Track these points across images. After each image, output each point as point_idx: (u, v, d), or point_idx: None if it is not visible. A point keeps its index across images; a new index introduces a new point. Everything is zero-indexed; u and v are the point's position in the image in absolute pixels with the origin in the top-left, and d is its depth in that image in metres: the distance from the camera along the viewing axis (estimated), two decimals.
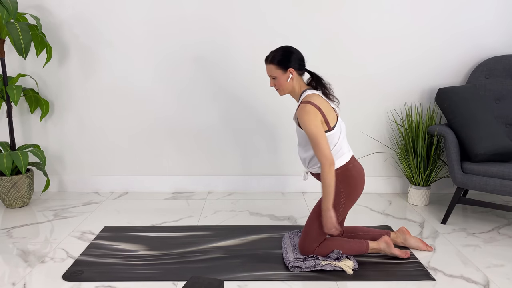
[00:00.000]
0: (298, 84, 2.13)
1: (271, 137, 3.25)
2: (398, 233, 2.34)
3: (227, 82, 3.16)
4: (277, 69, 2.08)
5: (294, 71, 2.08)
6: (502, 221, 2.80)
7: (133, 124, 3.23)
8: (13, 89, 2.77)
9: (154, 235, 2.53)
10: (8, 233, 2.56)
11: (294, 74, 2.09)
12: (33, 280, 2.02)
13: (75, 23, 3.06)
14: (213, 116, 3.22)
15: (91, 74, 3.15)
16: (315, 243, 2.13)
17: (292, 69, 2.08)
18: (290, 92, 2.16)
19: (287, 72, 2.08)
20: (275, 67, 2.08)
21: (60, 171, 3.31)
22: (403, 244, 2.33)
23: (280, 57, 2.07)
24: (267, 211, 2.95)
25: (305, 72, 2.16)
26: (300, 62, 2.11)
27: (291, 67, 2.08)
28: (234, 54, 3.11)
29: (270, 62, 2.09)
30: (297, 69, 2.10)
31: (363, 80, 3.17)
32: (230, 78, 3.15)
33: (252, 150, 3.28)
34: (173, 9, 3.05)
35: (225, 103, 3.20)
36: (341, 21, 3.07)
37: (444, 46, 3.12)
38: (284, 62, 2.07)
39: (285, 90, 2.13)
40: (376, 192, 3.37)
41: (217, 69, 3.14)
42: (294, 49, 2.11)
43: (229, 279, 2.03)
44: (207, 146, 3.27)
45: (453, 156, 2.66)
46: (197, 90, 3.18)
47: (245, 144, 3.27)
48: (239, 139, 3.26)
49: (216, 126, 3.24)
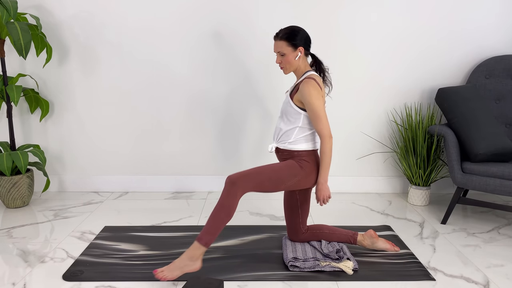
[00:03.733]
0: (304, 63, 2.17)
1: (272, 138, 3.26)
2: (365, 235, 2.31)
3: (227, 84, 3.16)
4: (287, 46, 2.11)
5: (303, 50, 2.13)
6: (502, 221, 2.80)
7: (133, 124, 3.23)
8: (13, 89, 2.77)
9: (154, 235, 2.53)
10: (8, 233, 2.56)
11: (302, 53, 2.13)
12: (33, 280, 2.02)
13: (75, 23, 3.06)
14: (213, 116, 3.22)
15: (91, 74, 3.15)
16: (250, 183, 2.00)
17: (301, 48, 2.12)
18: (294, 71, 2.20)
19: (297, 50, 2.12)
20: (286, 44, 2.11)
21: (60, 171, 3.31)
22: (369, 247, 2.31)
23: (292, 35, 2.11)
24: (267, 211, 2.95)
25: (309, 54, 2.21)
26: (308, 43, 2.16)
27: (301, 45, 2.12)
28: (234, 55, 3.11)
29: (281, 38, 2.12)
30: (305, 49, 2.15)
31: (363, 80, 3.17)
32: (230, 79, 3.16)
33: (252, 150, 3.28)
34: (173, 9, 3.04)
35: (225, 103, 3.20)
36: (341, 20, 3.07)
37: (444, 46, 3.12)
38: (295, 40, 2.11)
39: (291, 68, 2.16)
40: (376, 192, 3.37)
41: (218, 73, 3.14)
42: (303, 29, 2.16)
43: (229, 279, 2.03)
44: (207, 146, 3.27)
45: (453, 156, 2.66)
46: (197, 90, 3.18)
47: (245, 144, 3.27)
48: (239, 139, 3.26)
49: (216, 126, 3.24)
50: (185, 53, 3.11)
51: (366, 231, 2.33)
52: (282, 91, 3.17)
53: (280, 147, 2.20)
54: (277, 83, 3.17)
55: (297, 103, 2.12)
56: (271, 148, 2.23)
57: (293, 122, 2.13)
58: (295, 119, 2.13)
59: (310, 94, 2.04)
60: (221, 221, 1.95)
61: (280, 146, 2.19)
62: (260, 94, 3.18)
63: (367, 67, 3.15)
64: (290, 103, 2.14)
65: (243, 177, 1.99)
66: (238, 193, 1.97)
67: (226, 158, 3.29)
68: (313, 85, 2.05)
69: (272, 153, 2.22)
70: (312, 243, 2.31)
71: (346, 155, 3.30)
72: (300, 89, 2.07)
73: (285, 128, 2.16)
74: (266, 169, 2.07)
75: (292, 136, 2.14)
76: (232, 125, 3.24)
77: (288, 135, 2.15)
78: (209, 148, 3.28)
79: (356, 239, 2.30)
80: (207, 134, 3.25)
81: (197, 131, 3.25)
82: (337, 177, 3.33)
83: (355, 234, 2.31)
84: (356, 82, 3.17)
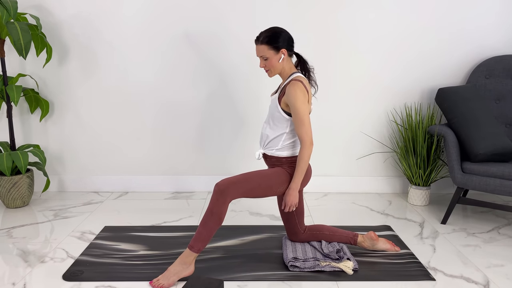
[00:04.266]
0: (288, 65, 2.14)
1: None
2: (366, 237, 2.30)
3: (228, 84, 3.16)
4: (269, 50, 2.07)
5: (286, 52, 2.09)
6: (502, 221, 2.80)
7: (133, 123, 3.23)
8: (13, 89, 2.77)
9: (154, 235, 2.53)
10: (8, 233, 2.56)
11: (286, 55, 2.10)
12: (33, 280, 2.02)
13: (75, 23, 3.06)
14: (213, 116, 3.22)
15: (91, 74, 3.15)
16: (239, 190, 1.99)
17: (284, 50, 2.08)
18: (280, 74, 2.16)
19: (279, 53, 2.08)
20: (267, 48, 2.07)
21: (60, 171, 3.31)
22: (369, 248, 2.31)
23: (273, 38, 2.07)
24: (267, 211, 2.95)
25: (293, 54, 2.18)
26: (290, 43, 2.12)
27: (284, 47, 2.08)
28: (233, 57, 3.11)
29: (262, 42, 2.08)
30: (288, 50, 2.11)
31: (363, 80, 3.17)
32: (230, 81, 3.16)
33: (253, 150, 3.28)
34: (173, 9, 3.04)
35: (226, 104, 3.20)
36: (341, 20, 3.07)
37: (444, 46, 3.12)
38: (276, 43, 2.07)
39: (276, 70, 2.12)
40: (376, 192, 3.37)
41: (218, 74, 3.14)
42: (284, 30, 2.11)
43: (229, 279, 2.03)
44: (207, 146, 3.27)
45: (453, 156, 2.66)
46: (198, 90, 3.18)
47: (246, 144, 3.27)
48: (239, 139, 3.26)
49: (216, 126, 3.24)
50: (187, 52, 3.11)
51: (367, 233, 2.32)
52: None
53: (268, 154, 2.17)
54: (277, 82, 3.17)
55: (284, 107, 2.08)
56: (258, 155, 2.20)
57: (280, 128, 2.11)
58: (282, 125, 2.10)
59: (295, 97, 2.00)
60: (211, 229, 1.97)
61: (267, 153, 2.17)
62: (262, 93, 3.18)
63: (367, 67, 3.15)
64: (277, 107, 2.10)
65: (232, 184, 1.97)
66: (227, 200, 1.96)
67: (226, 158, 3.29)
68: (300, 88, 2.02)
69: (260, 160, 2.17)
70: (312, 243, 2.31)
71: (346, 155, 3.30)
72: (287, 91, 2.04)
73: (272, 134, 2.14)
74: (255, 176, 2.05)
75: (280, 143, 2.11)
76: (232, 125, 3.24)
77: (275, 141, 2.13)
78: (209, 148, 3.28)
79: (356, 241, 2.29)
80: (208, 134, 3.25)
81: (197, 131, 3.25)
82: (337, 177, 3.33)
83: (355, 235, 2.30)
84: (356, 82, 3.17)
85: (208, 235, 1.97)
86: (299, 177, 2.07)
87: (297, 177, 2.07)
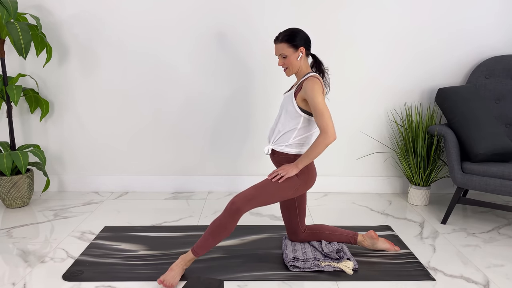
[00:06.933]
0: (305, 64, 2.17)
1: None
2: (366, 236, 2.31)
3: (228, 85, 3.16)
4: (288, 48, 2.12)
5: (304, 50, 2.13)
6: (502, 221, 2.80)
7: (133, 124, 3.23)
8: (13, 89, 2.77)
9: (154, 235, 2.53)
10: (8, 233, 2.56)
11: (304, 53, 2.14)
12: (33, 280, 2.02)
13: (75, 23, 3.06)
14: (213, 116, 3.22)
15: (91, 74, 3.15)
16: (254, 205, 2.02)
17: (302, 48, 2.13)
18: (296, 73, 2.19)
19: (298, 51, 2.13)
20: (286, 46, 2.12)
21: (60, 171, 3.31)
22: (369, 247, 2.32)
23: (292, 36, 2.12)
24: (267, 211, 2.95)
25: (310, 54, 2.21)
26: (308, 43, 2.17)
27: (302, 45, 2.13)
28: (234, 56, 3.11)
29: (281, 41, 2.13)
30: (306, 49, 2.15)
31: (363, 80, 3.17)
32: (230, 81, 3.16)
33: (253, 150, 3.28)
34: (173, 10, 3.04)
35: (226, 104, 3.20)
36: (340, 21, 3.07)
37: (444, 46, 3.12)
38: (295, 41, 2.11)
39: (294, 69, 2.16)
40: (376, 192, 3.37)
41: (219, 73, 3.14)
42: (302, 30, 2.17)
43: (229, 279, 2.03)
44: (207, 146, 3.27)
45: (453, 156, 2.66)
46: (198, 90, 3.18)
47: (245, 144, 3.27)
48: (239, 139, 3.26)
49: (216, 127, 3.24)
50: (186, 54, 3.11)
51: (367, 232, 2.32)
52: (283, 91, 3.17)
53: (276, 149, 2.16)
54: (277, 84, 3.17)
55: (299, 102, 2.09)
56: (268, 150, 2.19)
57: (292, 123, 2.11)
58: (295, 121, 2.10)
59: (313, 90, 2.01)
60: (219, 240, 2.02)
61: (276, 148, 2.16)
62: (261, 95, 3.18)
63: (367, 67, 3.15)
64: (293, 102, 2.11)
65: (248, 202, 2.00)
66: (240, 216, 2.01)
67: (226, 158, 3.29)
68: (317, 83, 2.04)
69: (268, 155, 2.17)
70: (312, 243, 2.31)
71: (347, 155, 3.30)
72: (304, 86, 2.05)
73: (283, 129, 2.14)
74: (267, 188, 2.05)
75: (291, 138, 2.11)
76: (232, 125, 3.24)
77: (286, 137, 2.12)
78: (210, 148, 3.28)
79: (356, 240, 2.30)
80: (208, 134, 3.25)
81: (197, 131, 3.25)
82: (337, 177, 3.33)
83: (355, 234, 2.30)
84: (356, 82, 3.17)
85: (214, 245, 2.03)
86: (306, 160, 2.03)
87: (304, 160, 2.04)
